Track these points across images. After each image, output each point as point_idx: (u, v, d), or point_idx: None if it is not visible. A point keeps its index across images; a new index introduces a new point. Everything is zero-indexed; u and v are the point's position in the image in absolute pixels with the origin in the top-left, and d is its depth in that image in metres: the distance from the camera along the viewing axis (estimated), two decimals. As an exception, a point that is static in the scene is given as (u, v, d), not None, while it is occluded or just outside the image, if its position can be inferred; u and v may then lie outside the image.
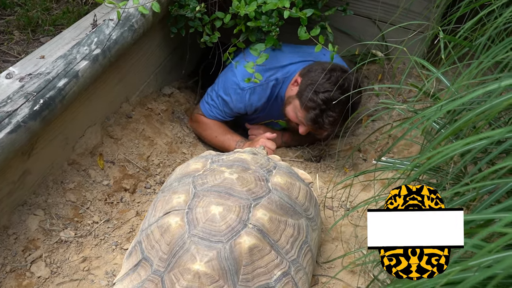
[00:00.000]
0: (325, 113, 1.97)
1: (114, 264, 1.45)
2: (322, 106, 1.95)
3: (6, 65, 2.45)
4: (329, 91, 1.94)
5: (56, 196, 1.58)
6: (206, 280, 1.15)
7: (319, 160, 2.36)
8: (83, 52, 1.57)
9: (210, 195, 1.28)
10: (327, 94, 1.94)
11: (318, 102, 1.95)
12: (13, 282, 1.31)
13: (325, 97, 1.94)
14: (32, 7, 2.79)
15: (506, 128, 0.58)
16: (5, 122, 1.26)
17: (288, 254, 1.26)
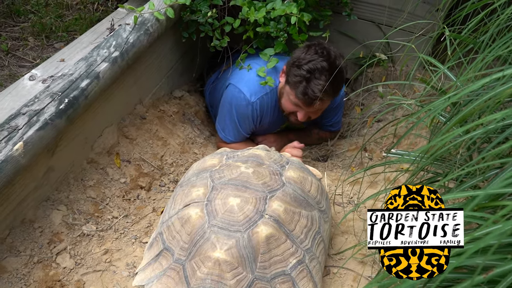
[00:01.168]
0: (312, 81, 1.96)
1: (134, 256, 1.52)
2: (307, 75, 1.96)
3: (21, 70, 2.53)
4: (311, 61, 1.95)
5: (77, 193, 1.65)
6: (226, 267, 1.22)
7: (326, 159, 2.43)
8: (103, 54, 1.65)
9: (227, 188, 1.34)
10: (310, 64, 1.95)
11: (302, 73, 1.96)
12: (40, 272, 1.37)
13: (308, 67, 1.95)
14: (46, 14, 2.88)
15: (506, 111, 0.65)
16: (33, 120, 1.33)
17: (302, 243, 1.33)
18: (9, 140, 1.25)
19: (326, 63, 1.93)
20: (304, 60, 1.97)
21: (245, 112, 2.19)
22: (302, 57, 1.98)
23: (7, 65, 2.54)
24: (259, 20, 2.12)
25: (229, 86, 2.22)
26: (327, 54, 1.97)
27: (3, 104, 1.54)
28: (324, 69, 1.93)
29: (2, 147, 1.23)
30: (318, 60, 1.95)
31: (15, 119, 1.32)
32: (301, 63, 1.97)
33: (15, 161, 1.24)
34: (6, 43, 2.64)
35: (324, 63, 1.94)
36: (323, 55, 1.96)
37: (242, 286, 1.22)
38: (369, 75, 2.76)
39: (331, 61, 1.95)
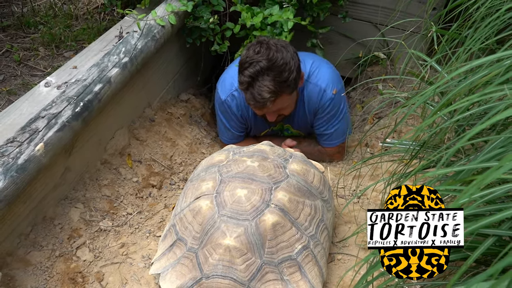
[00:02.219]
0: (256, 85, 1.82)
1: (149, 249, 1.61)
2: (249, 80, 1.82)
3: (34, 78, 2.64)
4: (251, 63, 1.81)
5: (92, 191, 1.74)
6: (236, 253, 1.30)
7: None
8: (113, 60, 1.74)
9: (235, 181, 1.43)
10: (250, 68, 1.81)
11: (245, 80, 1.83)
12: (62, 265, 1.46)
13: (249, 72, 1.81)
14: (54, 25, 2.99)
15: (478, 94, 0.73)
16: (52, 122, 1.43)
17: (307, 230, 1.41)
18: (30, 141, 1.35)
19: (265, 62, 1.79)
20: (245, 64, 1.84)
21: (224, 110, 2.17)
22: (243, 60, 1.86)
23: (20, 74, 2.64)
24: (256, 25, 2.21)
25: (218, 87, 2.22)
26: (266, 50, 1.81)
27: (21, 109, 1.64)
28: (264, 68, 1.80)
29: (25, 148, 1.32)
30: (256, 60, 1.81)
31: (35, 122, 1.42)
32: (243, 67, 1.85)
33: (37, 161, 1.34)
34: (18, 54, 2.75)
35: (262, 62, 1.80)
36: (259, 53, 1.81)
37: (252, 270, 1.30)
38: (368, 74, 2.84)
39: (270, 58, 1.80)
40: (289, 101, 1.99)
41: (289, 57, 1.83)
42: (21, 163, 1.28)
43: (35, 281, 1.39)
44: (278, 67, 1.80)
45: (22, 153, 1.31)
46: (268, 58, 1.80)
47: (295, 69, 1.86)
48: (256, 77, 1.81)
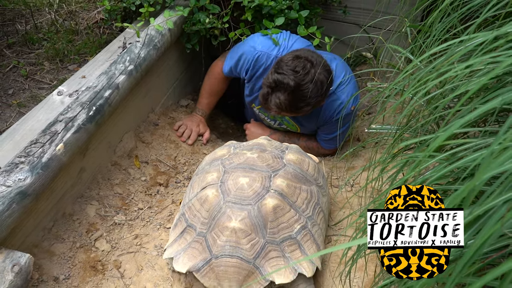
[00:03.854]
0: (274, 93, 1.93)
1: (160, 239, 1.74)
2: (272, 85, 1.92)
3: (41, 91, 2.78)
4: (284, 74, 1.89)
5: (105, 190, 1.88)
6: (241, 234, 1.44)
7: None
8: (120, 68, 1.90)
9: (237, 171, 1.58)
10: (280, 76, 1.89)
11: (270, 80, 1.93)
12: (83, 255, 1.60)
13: (276, 78, 1.90)
14: (57, 40, 3.14)
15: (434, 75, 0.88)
16: (69, 125, 1.57)
17: (304, 212, 1.56)
18: (51, 142, 1.49)
19: (293, 84, 1.87)
20: (281, 68, 1.91)
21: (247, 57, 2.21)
22: (284, 63, 1.92)
23: (28, 88, 2.79)
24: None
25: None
26: (303, 75, 1.89)
27: (38, 116, 1.79)
28: (288, 87, 1.88)
29: (47, 148, 1.47)
30: (290, 76, 1.88)
31: (54, 126, 1.56)
32: (277, 70, 1.93)
33: (58, 159, 1.48)
34: (25, 69, 2.90)
35: (292, 82, 1.88)
36: (297, 73, 1.89)
37: (256, 249, 1.45)
38: (357, 74, 3.01)
39: (299, 83, 1.88)
40: (291, 115, 2.16)
41: (316, 92, 1.92)
42: (45, 161, 1.43)
43: (60, 269, 1.52)
44: (300, 96, 1.90)
45: (45, 152, 1.45)
46: (297, 83, 1.87)
47: (313, 103, 1.96)
48: (277, 88, 1.91)
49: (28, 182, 1.36)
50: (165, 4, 2.41)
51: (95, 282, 1.54)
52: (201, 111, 2.52)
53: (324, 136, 2.37)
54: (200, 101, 2.54)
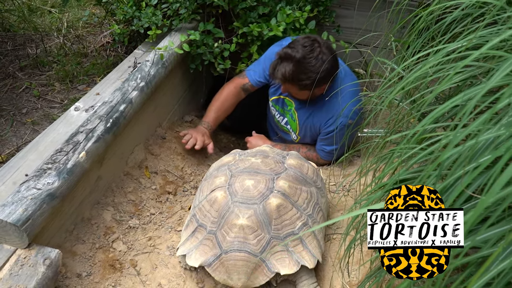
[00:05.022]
0: (282, 63, 2.16)
1: (172, 241, 1.88)
2: (282, 55, 2.16)
3: (53, 110, 2.95)
4: (293, 48, 2.13)
5: (120, 197, 2.02)
6: (249, 231, 1.59)
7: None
8: (132, 85, 2.07)
9: (243, 174, 1.73)
10: (290, 49, 2.14)
11: (281, 52, 2.17)
12: (102, 255, 1.73)
13: (286, 50, 2.14)
14: (67, 63, 3.33)
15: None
16: (89, 135, 1.73)
17: (305, 210, 1.71)
18: (75, 150, 1.65)
19: (299, 55, 2.10)
20: (293, 43, 2.16)
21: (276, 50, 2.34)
22: (296, 40, 2.17)
23: (40, 107, 2.95)
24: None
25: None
26: (310, 51, 2.13)
27: (58, 130, 1.94)
28: (294, 58, 2.11)
29: (71, 156, 1.62)
30: (298, 49, 2.12)
31: (75, 136, 1.72)
32: (290, 45, 2.17)
33: (81, 166, 1.63)
34: (37, 89, 3.07)
35: (298, 54, 2.11)
36: (304, 48, 2.12)
37: (262, 244, 1.59)
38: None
39: (305, 56, 2.11)
40: (296, 92, 2.32)
41: (319, 68, 2.13)
42: (70, 167, 1.58)
43: (82, 267, 1.66)
44: (303, 68, 2.12)
45: (69, 159, 1.60)
46: (303, 55, 2.10)
47: (315, 80, 2.14)
48: (285, 59, 2.14)
49: (56, 186, 1.50)
50: (171, 27, 2.61)
51: (114, 278, 1.67)
52: (207, 124, 2.60)
53: (325, 147, 2.53)
54: (208, 114, 2.62)
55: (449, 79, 0.97)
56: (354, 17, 2.92)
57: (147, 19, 2.59)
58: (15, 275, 1.36)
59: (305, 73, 2.15)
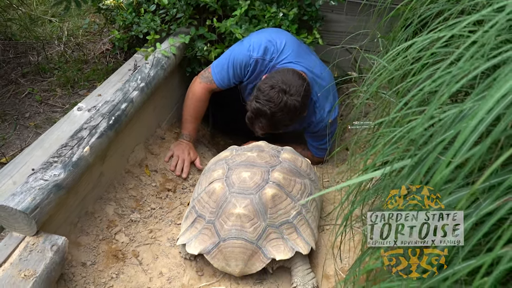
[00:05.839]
0: (257, 119, 2.20)
1: (172, 233, 1.96)
2: (254, 112, 2.18)
3: (55, 114, 3.03)
4: (261, 103, 2.14)
5: (121, 193, 2.10)
6: (245, 219, 1.67)
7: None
8: (133, 85, 2.16)
9: (240, 167, 1.82)
10: (259, 105, 2.14)
11: (251, 108, 2.19)
12: (105, 246, 1.81)
13: (256, 107, 2.16)
14: (67, 69, 3.42)
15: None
16: (93, 131, 1.81)
17: (299, 200, 1.79)
18: (79, 145, 1.73)
19: (269, 112, 2.12)
20: (259, 98, 2.16)
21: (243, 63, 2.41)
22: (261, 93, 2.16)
23: (43, 111, 3.04)
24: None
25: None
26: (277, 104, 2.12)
27: (62, 128, 2.03)
28: (266, 116, 2.14)
29: (76, 150, 1.70)
30: (266, 106, 2.13)
31: (80, 132, 1.80)
32: (257, 98, 2.17)
33: (85, 159, 1.71)
34: (39, 95, 3.16)
35: (268, 111, 2.13)
36: (271, 103, 2.12)
37: (258, 231, 1.67)
38: (345, 91, 3.30)
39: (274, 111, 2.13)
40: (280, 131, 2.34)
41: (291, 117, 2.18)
42: (75, 160, 1.66)
43: (87, 256, 1.73)
44: (277, 121, 2.17)
45: (74, 153, 1.69)
46: (272, 112, 2.13)
47: (290, 124, 2.23)
48: (259, 115, 2.17)
49: (62, 177, 1.58)
50: (169, 31, 2.71)
51: (117, 267, 1.74)
52: (188, 136, 2.60)
53: (317, 144, 2.62)
54: (186, 126, 2.61)
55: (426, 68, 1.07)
56: (346, 22, 3.03)
57: (146, 24, 2.69)
58: (25, 260, 1.43)
59: (281, 123, 2.21)
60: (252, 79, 2.50)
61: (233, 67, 2.45)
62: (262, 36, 2.46)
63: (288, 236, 1.70)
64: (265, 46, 2.40)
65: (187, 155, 2.49)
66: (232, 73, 2.47)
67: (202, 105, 2.60)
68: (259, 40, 2.43)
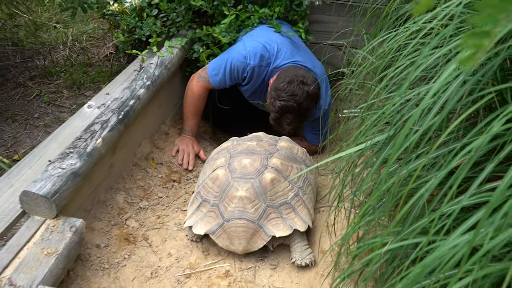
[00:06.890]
0: (283, 116, 2.33)
1: (179, 219, 2.11)
2: (280, 111, 2.31)
3: (63, 114, 3.18)
4: (286, 100, 2.28)
5: (130, 183, 2.25)
6: (247, 201, 1.82)
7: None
8: (139, 84, 2.31)
9: (241, 155, 1.97)
10: (284, 102, 2.28)
11: (276, 108, 2.31)
12: (117, 230, 1.96)
13: (281, 105, 2.28)
14: (73, 72, 3.58)
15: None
16: (104, 125, 1.96)
17: (296, 184, 1.94)
18: (92, 137, 1.88)
19: (296, 105, 2.27)
20: (281, 96, 2.29)
21: (239, 69, 2.55)
22: (281, 91, 2.29)
23: (51, 112, 3.19)
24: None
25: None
26: (301, 96, 2.28)
27: (74, 124, 2.17)
28: (293, 109, 2.29)
29: (89, 142, 1.85)
30: (291, 100, 2.27)
31: (92, 126, 1.95)
32: (279, 97, 2.29)
33: (98, 150, 1.86)
34: (47, 96, 3.31)
35: (295, 104, 2.27)
36: (296, 96, 2.27)
37: (259, 212, 1.82)
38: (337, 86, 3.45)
39: (301, 103, 2.28)
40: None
41: (316, 103, 2.38)
42: (89, 151, 1.81)
43: (100, 240, 1.88)
44: (304, 111, 2.34)
45: (88, 145, 1.84)
46: (299, 103, 2.29)
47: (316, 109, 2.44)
48: (285, 112, 2.31)
49: (78, 166, 1.73)
50: (169, 34, 2.86)
51: (129, 249, 1.89)
52: (191, 131, 2.73)
53: (314, 131, 2.76)
54: (187, 122, 2.74)
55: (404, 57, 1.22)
56: (336, 22, 3.19)
57: (148, 28, 2.84)
58: (46, 239, 1.58)
59: (308, 112, 2.39)
60: (251, 84, 2.65)
61: (230, 71, 2.60)
62: (256, 42, 2.60)
63: (286, 215, 1.85)
64: (260, 54, 2.55)
65: (191, 148, 2.65)
66: (229, 76, 2.62)
67: (201, 102, 2.75)
68: (254, 47, 2.57)
